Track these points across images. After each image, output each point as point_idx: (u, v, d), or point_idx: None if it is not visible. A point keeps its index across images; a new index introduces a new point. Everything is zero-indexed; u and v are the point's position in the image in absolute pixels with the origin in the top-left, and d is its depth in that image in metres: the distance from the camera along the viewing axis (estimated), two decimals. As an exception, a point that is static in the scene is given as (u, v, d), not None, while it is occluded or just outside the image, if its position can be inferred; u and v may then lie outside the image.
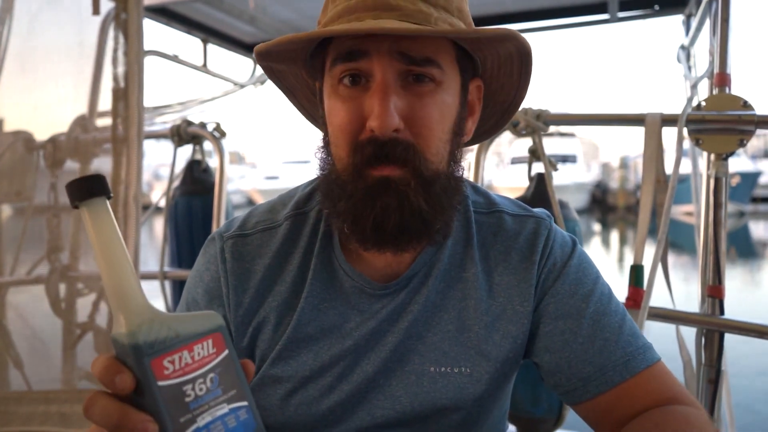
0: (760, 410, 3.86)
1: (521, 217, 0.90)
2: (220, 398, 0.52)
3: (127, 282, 0.52)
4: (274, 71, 0.86)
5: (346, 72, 0.74)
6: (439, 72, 0.75)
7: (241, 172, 27.73)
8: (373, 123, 0.72)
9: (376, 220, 0.73)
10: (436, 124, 0.75)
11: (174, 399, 0.50)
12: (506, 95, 0.88)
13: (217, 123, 2.19)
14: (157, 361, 0.50)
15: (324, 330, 0.84)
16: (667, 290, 1.67)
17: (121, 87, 1.77)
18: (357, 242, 0.78)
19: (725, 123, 1.50)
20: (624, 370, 0.81)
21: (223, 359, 0.54)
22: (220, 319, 0.55)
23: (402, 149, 0.73)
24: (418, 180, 0.74)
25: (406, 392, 0.84)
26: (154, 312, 0.52)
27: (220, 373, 0.53)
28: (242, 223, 0.89)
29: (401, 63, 0.73)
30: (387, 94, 0.72)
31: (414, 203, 0.73)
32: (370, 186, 0.74)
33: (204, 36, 2.82)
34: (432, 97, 0.75)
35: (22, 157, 1.91)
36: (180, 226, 2.31)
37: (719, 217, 1.52)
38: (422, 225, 0.75)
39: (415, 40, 0.73)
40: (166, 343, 0.50)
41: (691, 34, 2.14)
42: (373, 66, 0.73)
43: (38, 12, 1.86)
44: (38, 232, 1.90)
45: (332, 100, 0.77)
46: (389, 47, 0.72)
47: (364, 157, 0.73)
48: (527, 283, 0.85)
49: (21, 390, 1.84)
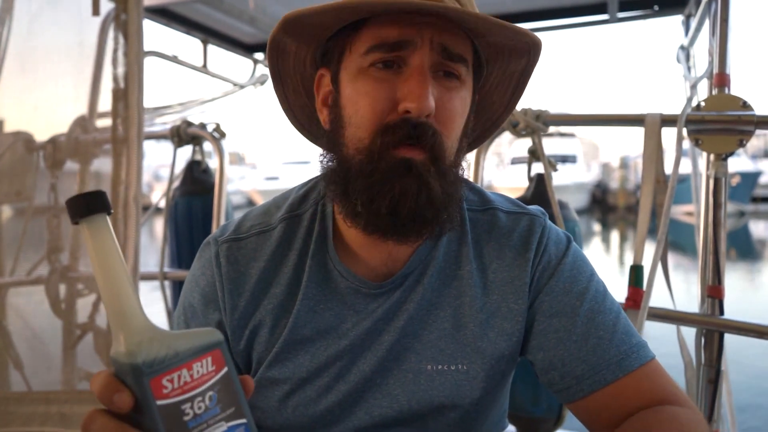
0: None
1: (515, 214, 0.90)
2: (218, 416, 0.52)
3: (127, 300, 0.52)
4: (279, 48, 0.84)
5: (383, 59, 0.75)
6: (465, 71, 0.78)
7: (242, 173, 27.72)
8: (411, 104, 0.73)
9: (392, 201, 0.74)
10: (458, 118, 0.78)
11: (173, 418, 0.50)
12: (493, 113, 0.90)
13: (216, 124, 2.19)
14: (156, 380, 0.50)
15: (320, 331, 0.84)
16: (667, 290, 1.67)
17: (121, 87, 1.77)
18: (367, 224, 0.77)
19: (725, 123, 1.50)
20: (617, 368, 0.81)
21: (222, 377, 0.53)
22: (219, 336, 0.55)
23: (432, 134, 0.74)
24: (436, 167, 0.75)
25: (404, 391, 0.84)
26: (154, 330, 0.52)
27: (219, 391, 0.53)
28: (237, 227, 0.90)
29: (440, 56, 0.75)
30: (426, 78, 0.74)
31: (432, 188, 0.74)
32: (392, 167, 0.74)
33: (204, 36, 2.82)
34: (458, 92, 0.77)
35: (22, 158, 1.91)
36: (180, 226, 2.31)
37: (719, 217, 1.52)
38: (434, 213, 0.76)
39: (455, 36, 0.75)
40: (165, 362, 0.50)
41: (690, 35, 2.14)
42: (413, 54, 0.74)
43: (38, 12, 1.86)
44: (38, 233, 1.90)
45: (360, 82, 0.76)
46: (431, 38, 0.74)
47: (396, 137, 0.74)
48: (521, 281, 0.85)
49: (21, 391, 1.84)
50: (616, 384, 0.81)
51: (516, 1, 2.50)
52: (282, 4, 2.51)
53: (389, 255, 0.84)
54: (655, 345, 0.85)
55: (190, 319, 0.88)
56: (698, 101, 1.56)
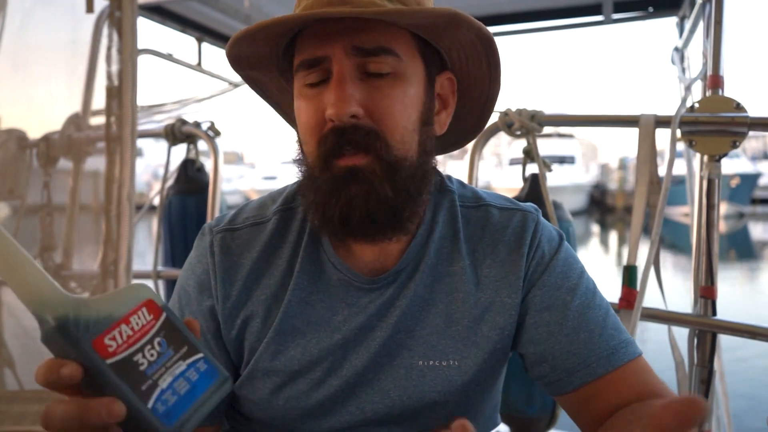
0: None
1: (508, 211, 0.91)
2: (174, 357, 0.53)
3: (36, 279, 0.50)
4: (255, 82, 0.89)
5: (308, 75, 0.77)
6: (395, 61, 0.76)
7: (240, 172, 27.72)
8: (330, 111, 0.74)
9: (342, 211, 0.75)
10: (399, 112, 0.76)
11: (128, 371, 0.50)
12: (480, 90, 0.88)
13: (211, 122, 2.18)
14: (98, 341, 0.49)
15: (311, 323, 0.84)
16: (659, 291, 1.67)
17: (115, 85, 1.76)
18: (328, 234, 0.81)
19: (718, 125, 1.50)
20: (607, 362, 0.82)
21: (163, 322, 0.54)
22: (146, 288, 0.55)
23: (363, 134, 0.74)
24: (383, 166, 0.75)
25: (395, 386, 0.84)
26: (77, 299, 0.51)
27: (166, 336, 0.53)
28: (232, 218, 0.91)
29: (357, 57, 0.75)
30: (342, 83, 0.74)
31: (380, 192, 0.75)
32: (336, 176, 0.75)
33: (199, 35, 2.81)
34: (392, 87, 0.76)
35: (14, 156, 1.90)
36: (174, 225, 2.31)
37: (712, 219, 1.53)
38: (390, 213, 0.76)
39: (369, 32, 0.74)
40: (100, 323, 0.50)
41: (684, 36, 2.14)
42: (332, 65, 0.75)
43: (32, 9, 1.86)
44: (31, 231, 1.89)
45: (298, 101, 0.80)
46: (344, 46, 0.74)
47: (328, 147, 0.75)
48: (515, 275, 0.86)
49: (13, 389, 1.84)
50: (605, 378, 0.82)
51: (511, 2, 2.50)
52: (277, 3, 2.50)
53: (381, 251, 0.84)
54: (653, 345, 0.85)
55: (184, 305, 0.89)
56: (692, 103, 1.56)
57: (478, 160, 1.88)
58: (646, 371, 0.84)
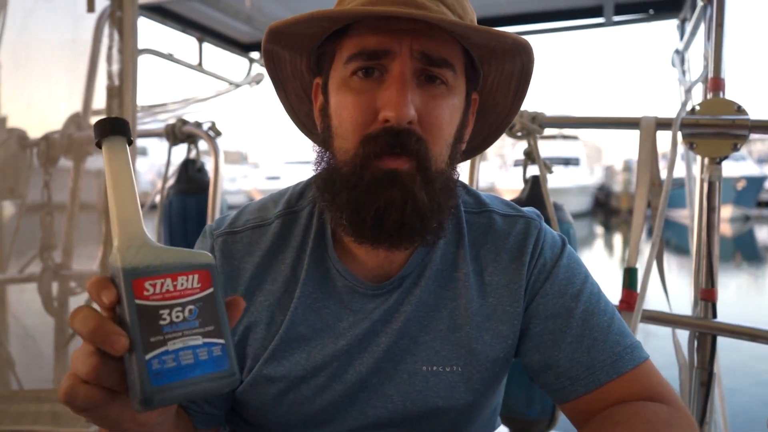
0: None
1: (511, 217, 0.91)
2: (196, 329, 0.53)
3: (130, 211, 0.55)
4: (273, 57, 0.85)
5: (363, 67, 0.75)
6: (452, 75, 0.76)
7: (244, 172, 27.72)
8: (389, 113, 0.72)
9: (377, 213, 0.73)
10: (446, 124, 0.76)
11: (148, 319, 0.51)
12: (497, 115, 0.89)
13: (212, 122, 2.18)
14: (139, 282, 0.52)
15: (317, 330, 0.84)
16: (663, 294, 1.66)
17: (115, 85, 1.76)
18: (353, 235, 0.78)
19: (719, 127, 1.50)
20: (611, 369, 0.81)
21: (206, 296, 0.54)
22: (211, 259, 0.56)
23: (415, 141, 0.73)
24: (422, 175, 0.74)
25: (399, 392, 0.84)
26: (148, 241, 0.54)
27: (201, 308, 0.54)
28: (233, 221, 0.90)
29: (420, 62, 0.74)
30: (405, 85, 0.73)
31: (418, 198, 0.74)
32: (377, 178, 0.73)
33: (199, 35, 2.81)
34: (444, 98, 0.76)
35: (15, 155, 1.91)
36: (174, 225, 2.31)
37: (712, 221, 1.53)
38: (420, 222, 0.75)
39: (435, 41, 0.74)
40: (150, 268, 0.52)
41: (685, 39, 2.13)
42: (393, 62, 0.74)
43: (33, 8, 1.86)
44: (31, 230, 1.89)
45: (342, 93, 0.77)
46: (410, 46, 0.73)
47: (377, 147, 0.73)
48: (517, 284, 0.85)
49: (12, 389, 1.84)
50: (609, 385, 0.81)
51: (512, 4, 2.50)
52: (278, 3, 2.50)
53: (386, 257, 0.83)
54: (656, 347, 0.85)
55: None
56: (693, 105, 1.56)
57: (479, 163, 1.89)
58: (651, 375, 0.83)
